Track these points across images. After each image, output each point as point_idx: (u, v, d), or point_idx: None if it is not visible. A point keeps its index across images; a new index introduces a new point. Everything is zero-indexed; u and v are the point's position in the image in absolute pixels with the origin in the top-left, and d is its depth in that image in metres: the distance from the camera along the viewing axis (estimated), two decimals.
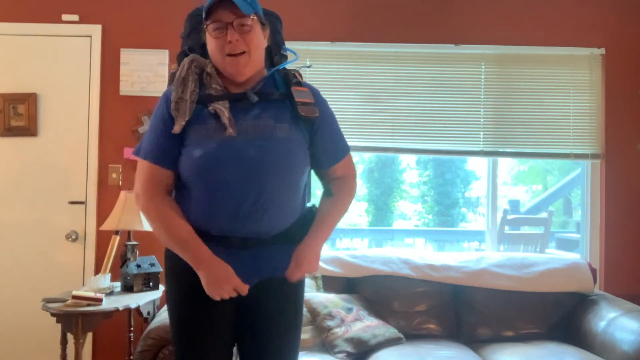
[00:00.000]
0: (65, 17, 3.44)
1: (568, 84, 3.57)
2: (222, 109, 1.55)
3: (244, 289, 1.56)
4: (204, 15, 1.58)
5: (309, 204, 1.74)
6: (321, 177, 1.77)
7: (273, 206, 1.57)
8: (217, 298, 1.55)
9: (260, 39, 1.62)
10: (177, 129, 1.55)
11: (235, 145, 1.53)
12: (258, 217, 1.56)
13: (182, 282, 1.63)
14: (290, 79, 1.67)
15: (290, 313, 1.70)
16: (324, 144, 1.69)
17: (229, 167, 1.53)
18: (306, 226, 1.67)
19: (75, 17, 3.45)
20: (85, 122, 3.44)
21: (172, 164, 1.59)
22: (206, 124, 1.56)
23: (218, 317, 1.62)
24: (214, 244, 1.57)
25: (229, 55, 1.56)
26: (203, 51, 1.68)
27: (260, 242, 1.59)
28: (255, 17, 1.59)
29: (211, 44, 1.59)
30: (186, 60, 1.63)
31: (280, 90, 1.66)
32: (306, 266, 1.64)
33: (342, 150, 1.75)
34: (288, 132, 1.59)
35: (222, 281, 1.53)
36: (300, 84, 1.68)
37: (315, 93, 1.70)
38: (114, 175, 3.40)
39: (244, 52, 1.57)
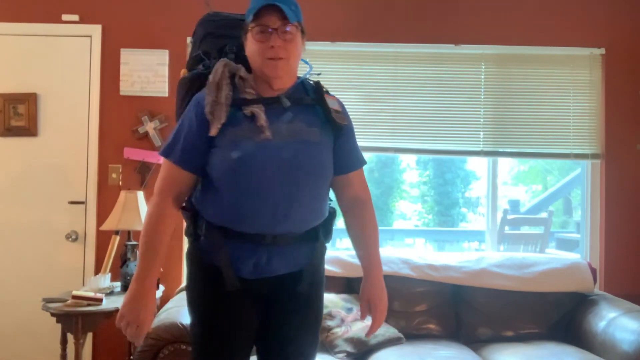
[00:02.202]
0: (65, 17, 3.44)
1: (568, 84, 3.57)
2: (259, 111, 1.59)
3: (138, 340, 1.57)
4: (250, 18, 1.60)
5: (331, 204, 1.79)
6: (338, 188, 1.78)
7: (305, 206, 1.62)
8: (117, 323, 1.56)
9: (299, 48, 1.66)
10: (214, 131, 1.56)
11: (271, 148, 1.57)
12: (291, 217, 1.59)
13: (206, 284, 1.65)
14: (321, 88, 1.72)
15: (312, 313, 1.73)
16: (344, 150, 1.74)
17: (266, 168, 1.56)
18: (329, 226, 1.74)
19: (75, 17, 3.45)
20: (85, 122, 3.44)
21: (195, 168, 1.62)
22: (241, 126, 1.58)
23: (243, 320, 1.65)
24: (245, 241, 1.60)
25: (269, 59, 1.59)
26: (219, 55, 1.72)
27: (291, 239, 1.63)
28: (298, 26, 1.63)
29: (252, 46, 1.61)
30: (219, 65, 1.64)
31: (310, 97, 1.70)
32: (384, 311, 1.75)
33: (359, 159, 1.80)
34: (319, 136, 1.64)
35: (134, 316, 1.54)
36: (329, 93, 1.74)
37: (341, 104, 1.77)
38: (114, 175, 3.40)
39: (281, 58, 1.60)
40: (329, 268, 3.14)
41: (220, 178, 1.59)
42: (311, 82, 1.74)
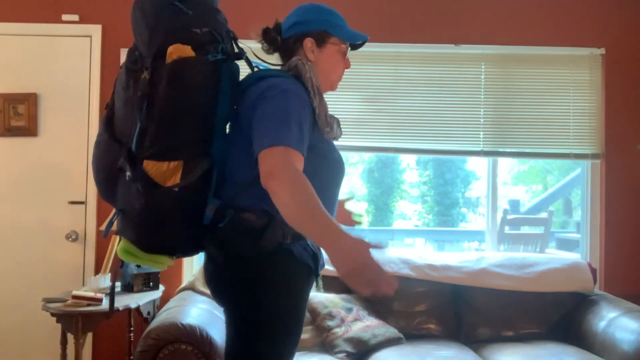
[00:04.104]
0: (65, 17, 3.45)
1: (568, 84, 3.57)
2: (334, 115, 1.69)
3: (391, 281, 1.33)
4: (352, 39, 1.75)
5: None
6: None
7: None
8: (370, 288, 1.29)
9: None
10: (332, 135, 1.65)
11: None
12: None
13: (305, 289, 1.64)
14: None
15: None
16: None
17: (344, 168, 1.72)
18: None
19: (75, 17, 3.45)
20: (85, 122, 3.44)
21: None
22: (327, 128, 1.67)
23: None
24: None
25: (339, 76, 1.77)
26: (228, 39, 1.60)
27: None
28: None
29: (336, 62, 1.74)
30: (310, 67, 1.64)
31: None
32: None
33: None
34: None
35: (377, 265, 1.29)
36: None
37: None
38: None
39: None
40: (329, 268, 3.14)
41: (323, 180, 1.56)
42: None
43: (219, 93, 1.53)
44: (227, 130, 1.64)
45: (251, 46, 1.68)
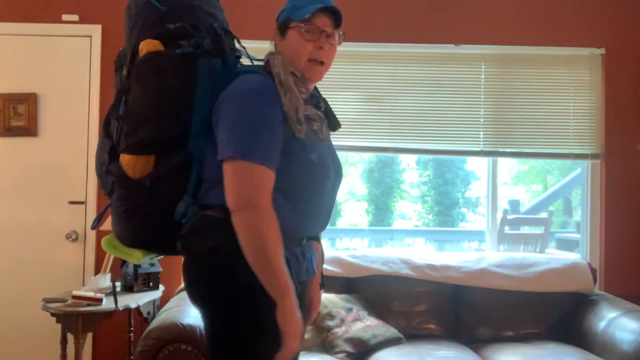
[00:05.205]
0: (65, 17, 3.45)
1: (568, 84, 3.57)
2: (321, 114, 1.58)
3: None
4: (302, 15, 1.52)
5: None
6: None
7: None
8: (296, 344, 1.39)
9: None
10: (303, 133, 1.48)
11: (328, 149, 1.60)
12: (329, 218, 1.65)
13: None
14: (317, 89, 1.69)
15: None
16: None
17: (331, 170, 1.57)
18: None
19: (75, 17, 3.45)
20: (85, 122, 3.44)
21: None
22: (306, 127, 1.51)
23: None
24: (298, 244, 1.55)
25: (311, 60, 1.55)
26: (209, 34, 1.55)
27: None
28: (341, 35, 1.60)
29: (299, 44, 1.54)
30: (280, 60, 1.53)
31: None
32: None
33: None
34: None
35: (299, 324, 1.40)
36: None
37: None
38: None
39: (322, 63, 1.57)
40: (329, 268, 3.15)
41: (292, 181, 1.47)
42: None
43: (195, 88, 1.49)
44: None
45: (247, 45, 1.66)
